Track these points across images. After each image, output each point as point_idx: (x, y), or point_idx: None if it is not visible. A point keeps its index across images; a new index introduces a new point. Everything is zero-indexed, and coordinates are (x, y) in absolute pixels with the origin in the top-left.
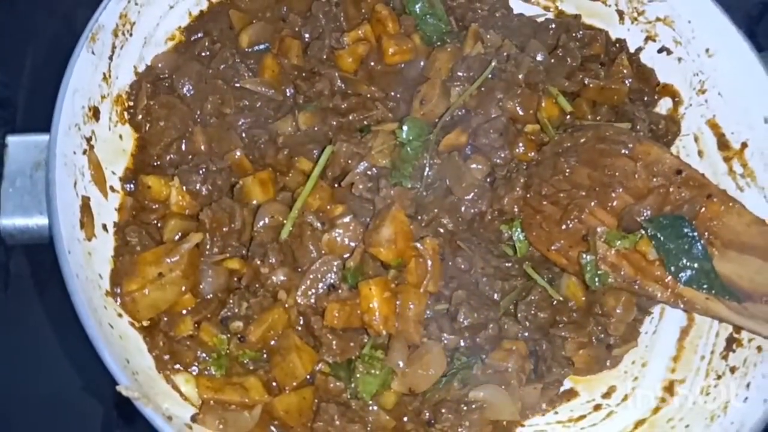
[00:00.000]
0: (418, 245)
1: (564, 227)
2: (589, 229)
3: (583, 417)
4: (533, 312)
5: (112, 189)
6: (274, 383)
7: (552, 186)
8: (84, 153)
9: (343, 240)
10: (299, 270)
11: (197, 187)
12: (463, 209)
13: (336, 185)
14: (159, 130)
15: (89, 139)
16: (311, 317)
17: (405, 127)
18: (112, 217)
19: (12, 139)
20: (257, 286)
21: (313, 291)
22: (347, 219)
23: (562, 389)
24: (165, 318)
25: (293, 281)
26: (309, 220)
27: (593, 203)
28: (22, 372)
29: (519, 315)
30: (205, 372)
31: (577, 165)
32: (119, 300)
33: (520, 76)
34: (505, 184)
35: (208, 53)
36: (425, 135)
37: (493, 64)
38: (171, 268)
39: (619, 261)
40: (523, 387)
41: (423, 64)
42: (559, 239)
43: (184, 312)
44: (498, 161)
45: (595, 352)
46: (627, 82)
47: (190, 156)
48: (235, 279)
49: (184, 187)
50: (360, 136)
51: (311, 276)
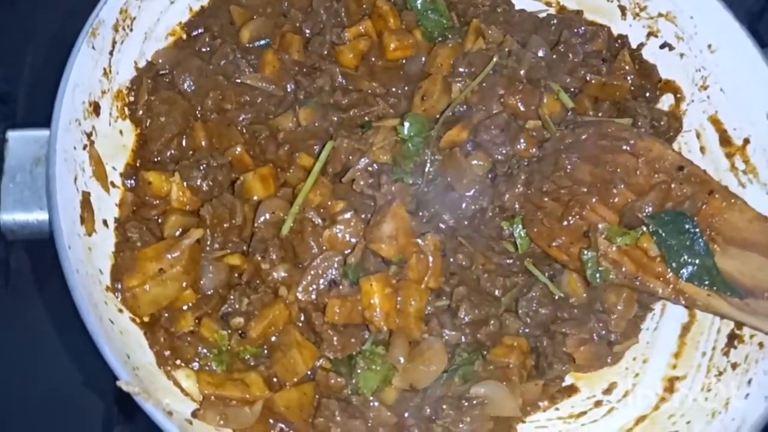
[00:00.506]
0: (419, 241)
1: (565, 223)
2: (591, 226)
3: (584, 413)
4: (534, 308)
5: (112, 185)
6: (274, 379)
7: (553, 182)
8: (84, 148)
9: (344, 236)
10: (300, 266)
11: (198, 183)
12: (464, 205)
13: (337, 181)
14: (159, 125)
15: (89, 135)
16: (312, 313)
17: (406, 123)
18: (112, 213)
19: (12, 134)
20: (258, 282)
21: (314, 287)
22: (348, 215)
23: (563, 385)
24: (166, 314)
25: (294, 277)
26: (310, 216)
27: (594, 199)
28: (22, 367)
29: (520, 311)
30: (206, 368)
31: (579, 161)
32: (120, 296)
33: (521, 72)
34: (506, 180)
35: (208, 49)
36: (426, 131)
37: (495, 59)
38: (172, 264)
39: (621, 257)
40: (524, 383)
41: (424, 59)
42: (561, 235)
43: (184, 308)
44: (499, 157)
45: (596, 348)
46: (629, 78)
47: (190, 152)
48: (236, 275)
49: (184, 183)
50: (361, 132)
51: (312, 272)
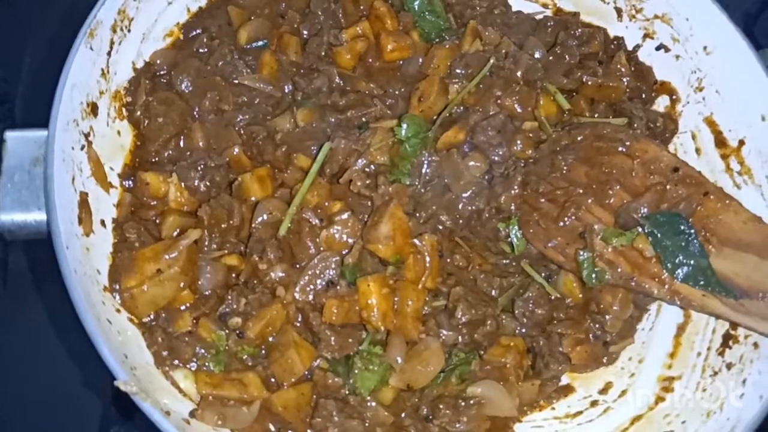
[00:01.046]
0: (416, 242)
1: (561, 224)
2: (586, 227)
3: (580, 413)
4: (531, 308)
5: (110, 185)
6: (272, 379)
7: (549, 183)
8: (82, 149)
9: (342, 236)
10: (297, 266)
11: (196, 184)
12: (461, 206)
13: (334, 182)
14: (157, 126)
15: (87, 135)
16: (310, 313)
17: (403, 124)
18: (110, 213)
19: (10, 135)
20: (256, 282)
21: (312, 287)
22: (345, 216)
23: (559, 385)
24: (164, 314)
25: (291, 277)
26: (307, 216)
27: (590, 200)
28: (20, 367)
29: (516, 311)
30: (204, 368)
31: (575, 163)
32: (118, 296)
33: (518, 73)
34: (503, 182)
35: (206, 50)
36: (423, 132)
37: (492, 61)
38: (170, 264)
39: (616, 258)
40: (521, 383)
41: (421, 61)
42: (557, 236)
43: (182, 308)
44: (496, 159)
45: (592, 348)
46: (625, 80)
47: (188, 152)
48: (234, 275)
49: (182, 184)
50: (358, 132)
51: (309, 272)
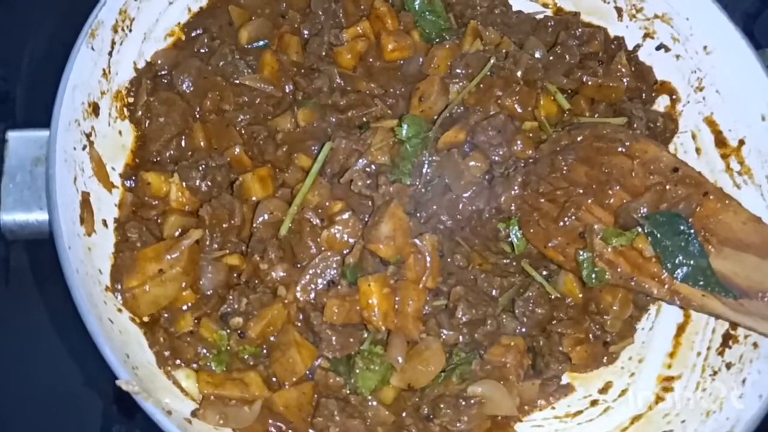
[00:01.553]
0: (416, 242)
1: (561, 224)
2: (586, 227)
3: (580, 412)
4: (531, 308)
5: (112, 185)
6: (273, 378)
7: (549, 183)
8: (84, 149)
9: (342, 236)
10: (299, 266)
11: (197, 184)
12: (462, 206)
13: (335, 182)
14: (159, 126)
15: (89, 135)
16: (311, 313)
17: (404, 124)
18: (112, 213)
19: (12, 135)
20: (257, 282)
21: (313, 287)
22: (346, 215)
23: (559, 385)
24: (165, 314)
25: (293, 277)
26: (308, 216)
27: (590, 200)
28: (22, 367)
29: (517, 311)
30: (206, 367)
31: (575, 163)
32: (120, 296)
33: (518, 73)
34: (503, 182)
35: (207, 50)
36: (424, 132)
37: (492, 61)
38: (171, 264)
39: (616, 258)
40: (521, 382)
41: (422, 61)
42: (556, 236)
43: (184, 308)
44: (496, 159)
45: (592, 348)
46: (625, 80)
47: (189, 152)
48: (235, 275)
49: (183, 184)
50: (359, 132)
51: (310, 272)
